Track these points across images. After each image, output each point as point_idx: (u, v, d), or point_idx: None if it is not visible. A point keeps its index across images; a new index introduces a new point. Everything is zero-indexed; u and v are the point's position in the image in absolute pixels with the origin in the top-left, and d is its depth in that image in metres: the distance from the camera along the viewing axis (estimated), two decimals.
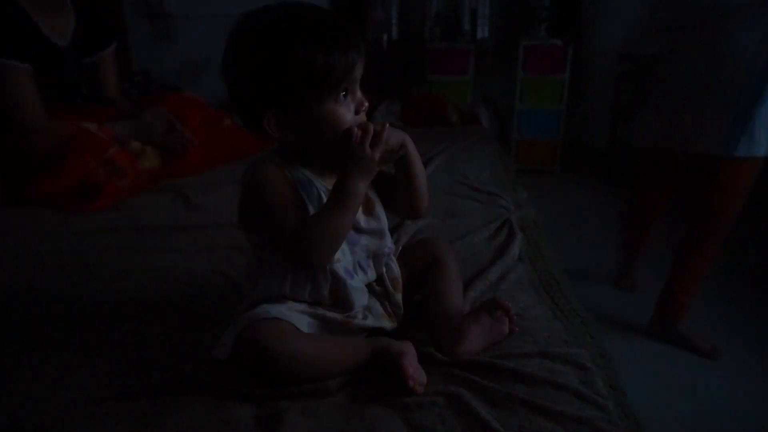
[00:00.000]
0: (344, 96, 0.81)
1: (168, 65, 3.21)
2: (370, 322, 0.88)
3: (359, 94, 0.83)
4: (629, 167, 3.11)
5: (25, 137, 1.63)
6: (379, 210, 0.92)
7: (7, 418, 0.78)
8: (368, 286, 0.91)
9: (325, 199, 0.83)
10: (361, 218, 0.89)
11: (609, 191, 3.19)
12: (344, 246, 0.86)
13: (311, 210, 0.83)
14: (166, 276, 1.17)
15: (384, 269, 0.93)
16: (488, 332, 0.88)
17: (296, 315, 0.82)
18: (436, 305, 0.93)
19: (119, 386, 0.82)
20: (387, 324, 0.90)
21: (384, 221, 0.93)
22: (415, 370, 0.78)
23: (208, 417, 0.74)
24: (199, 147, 1.85)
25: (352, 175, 0.79)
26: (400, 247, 1.02)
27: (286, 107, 0.79)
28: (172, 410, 0.76)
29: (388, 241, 0.94)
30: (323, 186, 0.85)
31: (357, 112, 0.83)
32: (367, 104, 0.84)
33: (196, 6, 3.13)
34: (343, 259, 0.86)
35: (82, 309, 1.06)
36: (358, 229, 0.89)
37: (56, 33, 1.72)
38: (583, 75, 3.56)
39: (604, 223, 2.53)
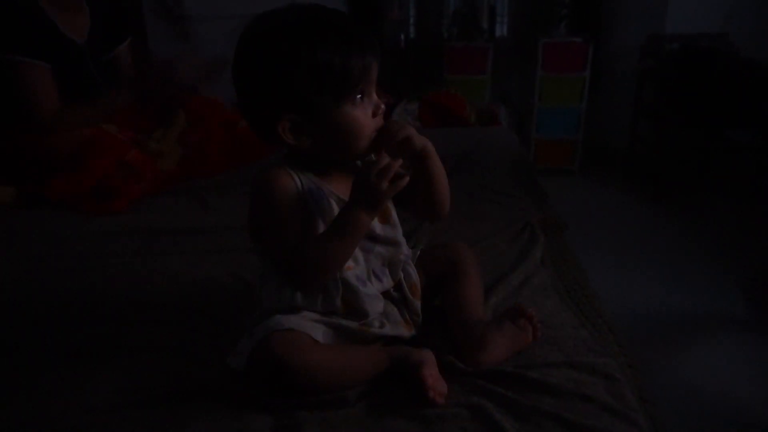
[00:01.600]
0: (360, 98, 0.79)
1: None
2: (388, 330, 0.86)
3: (375, 97, 0.81)
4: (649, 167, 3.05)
5: (45, 138, 1.64)
6: (395, 217, 0.90)
7: (23, 425, 0.77)
8: (386, 292, 0.88)
9: (336, 212, 0.81)
10: (376, 226, 0.86)
11: (629, 191, 3.13)
12: (358, 253, 0.84)
13: (320, 223, 0.81)
14: (183, 279, 1.17)
15: (402, 275, 0.91)
16: (511, 341, 0.85)
17: (311, 325, 0.79)
18: (457, 312, 0.90)
19: (136, 393, 0.81)
20: (405, 332, 0.88)
21: (399, 229, 0.91)
22: (435, 381, 0.75)
23: (225, 427, 0.73)
24: (216, 148, 1.85)
25: (358, 208, 0.77)
26: (418, 252, 1.00)
27: (301, 112, 0.77)
28: (189, 419, 0.74)
29: (404, 248, 0.91)
30: (334, 194, 0.83)
31: (374, 115, 0.81)
32: (383, 107, 0.82)
33: (213, 7, 3.14)
34: (355, 266, 0.84)
35: (99, 312, 1.05)
36: (373, 238, 0.86)
37: (74, 30, 1.73)
38: (603, 72, 3.49)
39: (625, 224, 2.47)
